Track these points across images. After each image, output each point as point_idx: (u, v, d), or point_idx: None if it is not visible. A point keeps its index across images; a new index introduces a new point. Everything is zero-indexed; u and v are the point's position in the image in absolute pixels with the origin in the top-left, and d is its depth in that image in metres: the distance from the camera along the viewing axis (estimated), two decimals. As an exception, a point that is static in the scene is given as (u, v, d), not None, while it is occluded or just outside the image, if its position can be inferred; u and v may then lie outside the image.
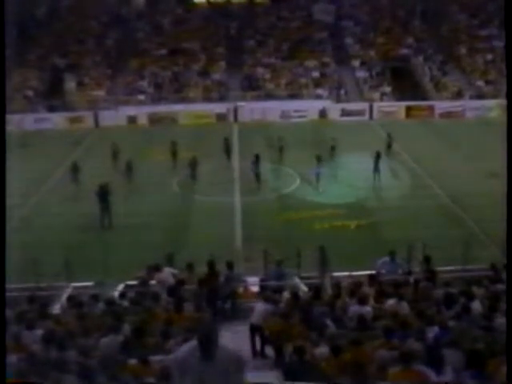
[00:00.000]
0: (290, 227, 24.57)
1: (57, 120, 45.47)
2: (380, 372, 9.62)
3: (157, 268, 16.40)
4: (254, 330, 13.08)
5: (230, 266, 16.05)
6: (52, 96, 49.04)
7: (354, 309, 12.49)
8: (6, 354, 9.19)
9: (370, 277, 15.15)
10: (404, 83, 50.59)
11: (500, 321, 11.04)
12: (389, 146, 34.71)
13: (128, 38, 57.16)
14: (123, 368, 9.99)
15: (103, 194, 25.40)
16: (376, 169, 30.35)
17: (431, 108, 47.16)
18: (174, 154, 33.50)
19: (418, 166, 32.41)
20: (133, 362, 10.17)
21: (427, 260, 16.40)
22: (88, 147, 38.94)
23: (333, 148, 33.74)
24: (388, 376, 9.34)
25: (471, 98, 48.47)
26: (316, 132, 40.58)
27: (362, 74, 52.12)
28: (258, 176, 30.44)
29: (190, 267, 16.57)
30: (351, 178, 30.33)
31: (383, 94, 49.57)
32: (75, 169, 30.57)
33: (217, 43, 56.36)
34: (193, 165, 31.41)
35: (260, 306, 13.13)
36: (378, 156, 30.39)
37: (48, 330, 11.18)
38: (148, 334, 11.60)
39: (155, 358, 10.33)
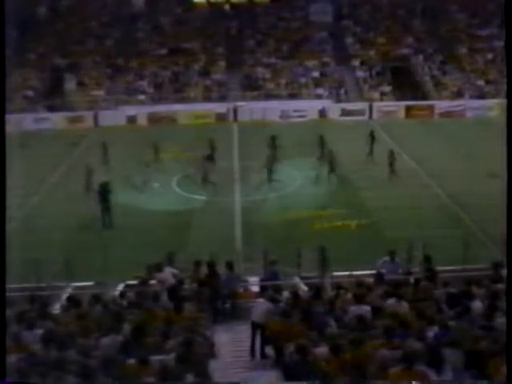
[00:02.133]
0: (290, 227, 24.56)
1: (56, 120, 45.47)
2: (380, 371, 9.63)
3: (158, 267, 16.35)
4: (255, 327, 13.05)
5: (229, 266, 16.02)
6: (52, 96, 49.04)
7: (353, 308, 12.52)
8: (5, 353, 9.22)
9: (377, 276, 15.16)
10: (404, 83, 50.56)
11: (500, 320, 11.04)
12: (390, 165, 30.41)
13: (128, 38, 57.15)
14: (123, 368, 9.99)
15: (104, 193, 25.31)
16: (269, 178, 29.77)
17: (431, 108, 47.14)
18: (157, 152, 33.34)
19: (417, 166, 32.38)
20: (132, 361, 10.17)
21: (428, 259, 16.40)
22: (88, 147, 38.91)
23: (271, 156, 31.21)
24: (389, 376, 9.34)
25: (471, 97, 48.48)
26: (316, 132, 40.57)
27: (361, 73, 52.09)
28: (205, 176, 29.64)
29: (197, 265, 16.46)
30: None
31: (383, 94, 49.58)
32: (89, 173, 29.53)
33: (217, 43, 56.35)
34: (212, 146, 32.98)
35: (261, 304, 13.12)
36: (271, 158, 30.20)
37: (48, 330, 11.19)
38: (148, 333, 11.61)
39: (155, 358, 10.35)
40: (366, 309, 12.41)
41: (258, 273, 17.69)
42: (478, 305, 12.32)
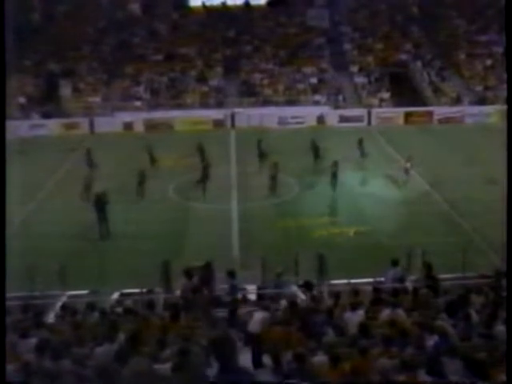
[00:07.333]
0: (288, 235, 24.41)
1: (52, 126, 45.30)
2: (380, 380, 9.49)
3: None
4: (251, 338, 12.89)
5: (231, 274, 15.88)
6: (47, 102, 48.86)
7: (348, 315, 12.44)
8: (5, 357, 9.10)
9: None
10: (403, 89, 50.49)
11: (500, 328, 10.94)
12: (330, 173, 29.70)
13: (124, 44, 57.08)
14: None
15: (100, 204, 24.91)
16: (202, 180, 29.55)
17: (430, 114, 47.09)
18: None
19: (416, 173, 32.24)
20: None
21: (428, 267, 16.26)
22: (83, 154, 38.74)
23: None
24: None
25: (470, 103, 48.47)
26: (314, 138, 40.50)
27: (360, 79, 52.08)
28: (273, 179, 29.53)
29: (207, 267, 16.33)
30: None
31: (382, 100, 49.51)
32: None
33: (214, 49, 56.28)
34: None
35: (258, 315, 12.97)
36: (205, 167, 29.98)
37: (42, 339, 11.02)
38: (143, 342, 11.44)
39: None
40: (359, 314, 12.35)
41: (255, 281, 17.59)
42: (473, 313, 12.23)
